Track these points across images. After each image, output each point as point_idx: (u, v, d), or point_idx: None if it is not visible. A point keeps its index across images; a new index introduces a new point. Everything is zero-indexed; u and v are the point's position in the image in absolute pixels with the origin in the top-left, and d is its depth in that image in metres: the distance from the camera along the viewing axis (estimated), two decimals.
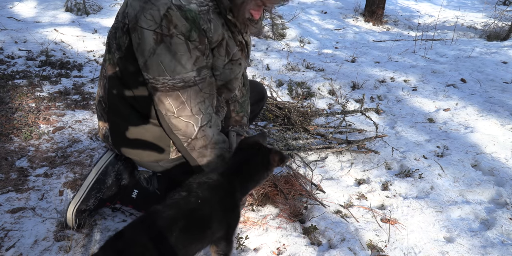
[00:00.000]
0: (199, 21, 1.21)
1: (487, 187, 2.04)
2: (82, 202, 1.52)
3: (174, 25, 1.19)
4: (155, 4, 1.18)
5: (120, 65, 1.35)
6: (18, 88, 2.80)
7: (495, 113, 2.93)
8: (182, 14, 1.18)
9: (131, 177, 1.62)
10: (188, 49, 1.23)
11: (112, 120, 1.45)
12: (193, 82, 1.28)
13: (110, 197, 1.59)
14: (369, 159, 2.30)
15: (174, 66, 1.23)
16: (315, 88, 3.35)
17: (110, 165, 1.57)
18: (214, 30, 1.27)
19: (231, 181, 1.25)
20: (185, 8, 1.19)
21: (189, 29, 1.20)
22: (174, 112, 1.30)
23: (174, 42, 1.20)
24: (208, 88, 1.35)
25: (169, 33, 1.19)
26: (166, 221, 1.07)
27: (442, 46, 5.08)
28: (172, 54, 1.22)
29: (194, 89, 1.29)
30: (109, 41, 1.37)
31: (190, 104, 1.30)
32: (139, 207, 1.63)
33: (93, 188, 1.53)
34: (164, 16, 1.17)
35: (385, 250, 1.61)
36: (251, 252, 1.55)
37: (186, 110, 1.30)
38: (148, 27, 1.19)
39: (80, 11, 5.40)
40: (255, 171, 1.32)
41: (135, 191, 1.61)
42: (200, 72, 1.29)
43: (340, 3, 7.57)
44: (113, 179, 1.57)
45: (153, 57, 1.22)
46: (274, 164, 1.34)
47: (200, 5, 1.22)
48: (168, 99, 1.28)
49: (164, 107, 1.30)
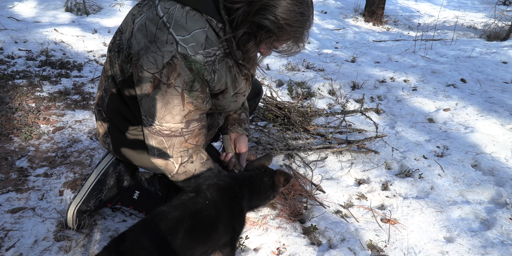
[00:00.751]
0: (203, 72, 1.19)
1: (487, 187, 2.04)
2: (83, 203, 1.52)
3: (177, 74, 1.15)
4: (160, 48, 1.14)
5: (120, 87, 1.34)
6: (18, 88, 2.80)
7: (495, 113, 2.93)
8: (187, 64, 1.15)
9: (132, 178, 1.62)
10: (182, 102, 1.20)
11: (113, 131, 1.46)
12: (180, 133, 1.27)
13: (111, 198, 1.59)
14: (369, 159, 2.30)
15: (163, 114, 1.22)
16: (315, 88, 3.35)
17: (111, 166, 1.57)
18: (217, 81, 1.25)
19: (240, 188, 1.27)
20: (191, 58, 1.15)
21: (192, 80, 1.18)
22: (154, 154, 1.31)
23: (169, 92, 1.18)
24: (194, 140, 1.33)
25: (167, 82, 1.16)
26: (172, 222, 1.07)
27: (442, 46, 5.08)
28: (165, 102, 1.19)
29: (179, 139, 1.28)
30: (110, 56, 1.35)
31: (172, 151, 1.30)
32: (140, 208, 1.63)
33: (94, 189, 1.53)
34: (167, 64, 1.14)
35: (385, 250, 1.61)
36: (251, 252, 1.55)
37: (166, 155, 1.31)
38: (147, 69, 1.16)
39: (80, 11, 5.40)
40: (261, 188, 1.33)
41: (136, 192, 1.61)
42: (189, 124, 1.27)
43: (340, 3, 7.57)
44: (114, 180, 1.57)
45: (146, 98, 1.21)
46: (279, 185, 1.35)
47: (206, 56, 1.18)
48: (153, 140, 1.28)
49: (148, 144, 1.31)
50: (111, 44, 1.37)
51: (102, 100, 1.43)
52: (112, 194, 1.58)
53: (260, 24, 1.15)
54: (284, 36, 1.19)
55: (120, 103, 1.38)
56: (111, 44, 1.36)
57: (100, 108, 1.46)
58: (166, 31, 1.14)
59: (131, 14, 1.28)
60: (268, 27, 1.15)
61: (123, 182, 1.60)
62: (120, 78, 1.32)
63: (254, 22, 1.16)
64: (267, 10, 1.13)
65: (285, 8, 1.13)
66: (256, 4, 1.13)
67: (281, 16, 1.13)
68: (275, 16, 1.13)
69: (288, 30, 1.17)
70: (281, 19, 1.13)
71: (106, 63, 1.40)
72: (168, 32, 1.14)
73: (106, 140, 1.50)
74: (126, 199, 1.61)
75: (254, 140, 2.32)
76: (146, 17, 1.20)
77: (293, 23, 1.16)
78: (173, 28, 1.14)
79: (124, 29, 1.29)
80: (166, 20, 1.15)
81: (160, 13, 1.17)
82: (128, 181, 1.61)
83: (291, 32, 1.18)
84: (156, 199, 1.61)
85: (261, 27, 1.16)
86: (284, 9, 1.13)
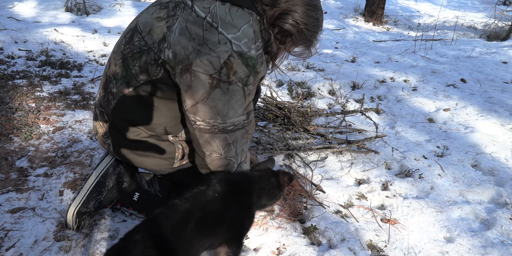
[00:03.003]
0: (256, 65, 1.21)
1: (487, 187, 2.04)
2: (82, 204, 1.51)
3: (233, 72, 1.16)
4: (214, 50, 1.13)
5: (141, 90, 1.29)
6: (18, 88, 2.80)
7: (495, 113, 2.93)
8: (243, 61, 1.16)
9: (132, 179, 1.62)
10: (244, 95, 1.23)
11: (114, 133, 1.44)
12: (242, 125, 1.29)
13: (111, 199, 1.59)
14: (369, 159, 2.30)
15: (227, 111, 1.22)
16: (315, 88, 3.35)
17: (111, 167, 1.56)
18: (263, 71, 1.29)
19: (250, 184, 1.31)
20: (247, 55, 1.16)
21: (248, 75, 1.19)
22: (221, 153, 1.31)
23: (231, 89, 1.19)
24: (251, 129, 1.38)
25: (228, 80, 1.17)
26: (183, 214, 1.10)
27: (442, 46, 5.08)
28: (227, 99, 1.20)
29: (241, 131, 1.31)
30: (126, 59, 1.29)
31: (236, 145, 1.32)
32: (140, 210, 1.62)
33: (94, 190, 1.52)
34: (225, 64, 1.14)
35: (385, 250, 1.61)
36: (251, 252, 1.55)
37: (231, 151, 1.32)
38: (203, 71, 1.15)
39: (80, 11, 5.40)
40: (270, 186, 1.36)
41: (136, 194, 1.60)
42: (249, 115, 1.31)
43: (340, 3, 7.57)
44: (114, 182, 1.57)
45: (206, 101, 1.19)
46: (284, 184, 1.39)
47: (257, 50, 1.20)
48: (216, 141, 1.28)
49: (210, 149, 1.30)
50: (123, 45, 1.31)
51: (108, 103, 1.39)
52: (111, 195, 1.58)
53: (282, 28, 1.24)
54: (301, 40, 1.30)
55: (131, 107, 1.34)
56: (125, 46, 1.31)
57: (103, 110, 1.43)
58: (215, 31, 1.14)
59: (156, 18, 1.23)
60: (290, 31, 1.24)
61: (122, 184, 1.59)
62: (142, 81, 1.27)
63: (276, 26, 1.25)
64: (288, 15, 1.22)
65: (304, 13, 1.23)
66: (278, 10, 1.22)
67: (301, 21, 1.23)
68: (295, 21, 1.23)
69: (306, 34, 1.26)
70: (301, 23, 1.23)
71: (113, 65, 1.35)
72: (218, 32, 1.14)
73: (106, 141, 1.49)
74: (126, 200, 1.60)
75: (254, 140, 2.32)
76: (185, 20, 1.17)
77: (311, 28, 1.26)
78: (221, 27, 1.14)
79: (144, 29, 1.25)
80: (211, 20, 1.15)
81: (201, 14, 1.16)
82: (127, 183, 1.60)
83: (308, 35, 1.28)
84: (156, 201, 1.60)
85: (282, 30, 1.26)
86: (304, 15, 1.23)
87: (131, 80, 1.30)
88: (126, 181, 1.60)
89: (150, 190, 1.62)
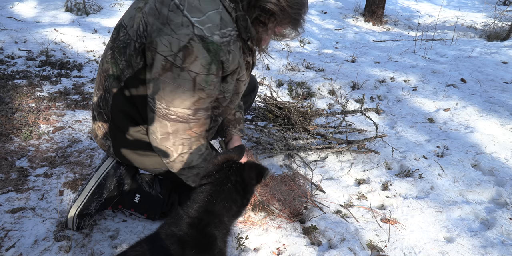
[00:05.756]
0: (220, 53, 1.19)
1: (487, 187, 2.04)
2: (83, 206, 1.51)
3: (194, 57, 1.15)
4: (175, 31, 1.13)
5: (128, 84, 1.33)
6: (18, 88, 2.80)
7: (495, 113, 2.93)
8: (204, 45, 1.15)
9: (133, 181, 1.61)
10: (194, 88, 1.20)
11: (114, 132, 1.45)
12: (186, 119, 1.26)
13: (112, 201, 1.58)
14: (369, 159, 2.30)
15: (172, 98, 1.21)
16: (315, 88, 3.35)
17: (112, 169, 1.56)
18: (231, 61, 1.26)
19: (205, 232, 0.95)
20: (208, 39, 1.15)
21: (210, 62, 1.18)
22: (157, 137, 1.30)
23: (182, 76, 1.18)
24: (199, 129, 1.32)
25: (181, 66, 1.16)
26: None
27: (442, 46, 5.08)
28: (176, 85, 1.19)
29: (184, 126, 1.28)
30: (114, 54, 1.33)
31: (174, 137, 1.29)
32: (141, 211, 1.62)
33: (95, 192, 1.52)
34: (184, 48, 1.14)
35: (385, 250, 1.61)
36: (251, 252, 1.55)
37: (169, 141, 1.30)
38: (160, 51, 1.16)
39: (80, 11, 5.40)
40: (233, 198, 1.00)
41: (137, 196, 1.59)
42: (196, 113, 1.27)
43: (340, 3, 7.57)
44: (115, 184, 1.56)
45: (157, 81, 1.20)
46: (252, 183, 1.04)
47: (222, 37, 1.18)
48: (157, 124, 1.28)
49: (152, 128, 1.31)
50: (111, 42, 1.35)
51: (106, 101, 1.41)
52: (113, 197, 1.58)
53: (264, 8, 1.21)
54: (286, 19, 1.25)
55: (124, 102, 1.37)
56: (112, 42, 1.35)
57: (101, 110, 1.44)
58: (180, 13, 1.14)
59: (136, 8, 1.27)
60: (272, 10, 1.21)
61: (124, 186, 1.59)
62: (128, 75, 1.30)
63: (258, 7, 1.22)
64: None
65: None
66: None
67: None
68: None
69: (289, 12, 1.23)
70: (283, 1, 1.20)
71: (105, 63, 1.38)
72: (182, 15, 1.14)
73: (106, 143, 1.50)
74: (127, 202, 1.60)
75: (254, 140, 2.32)
76: (155, 0, 1.19)
77: (294, 5, 1.22)
78: (187, 10, 1.14)
79: (129, 23, 1.28)
80: (178, 2, 1.15)
81: None
82: (129, 185, 1.60)
83: (292, 14, 1.24)
84: (157, 202, 1.60)
85: (265, 11, 1.22)
86: None
87: (120, 75, 1.33)
88: (127, 183, 1.60)
89: (151, 191, 1.62)
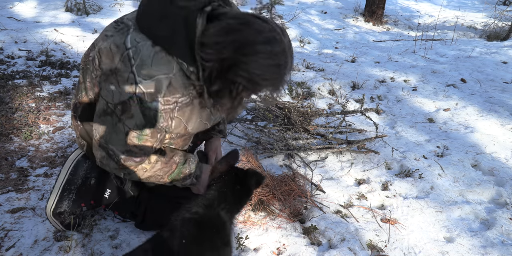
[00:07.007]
0: (159, 119, 1.15)
1: (487, 187, 2.04)
2: (56, 205, 1.46)
3: (130, 115, 1.13)
4: (119, 84, 1.10)
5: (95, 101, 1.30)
6: (18, 88, 2.80)
7: (495, 113, 2.93)
8: (141, 108, 1.11)
9: (102, 175, 1.55)
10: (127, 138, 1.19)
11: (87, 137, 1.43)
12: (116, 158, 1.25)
13: (83, 197, 1.52)
14: (369, 159, 2.30)
15: (110, 137, 1.20)
16: (315, 88, 3.35)
17: (78, 164, 1.50)
18: (174, 127, 1.23)
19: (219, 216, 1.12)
20: (146, 105, 1.10)
21: (144, 125, 1.15)
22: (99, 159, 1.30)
23: (118, 126, 1.16)
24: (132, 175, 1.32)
25: (119, 117, 1.14)
26: None
27: (442, 46, 5.08)
28: (113, 130, 1.18)
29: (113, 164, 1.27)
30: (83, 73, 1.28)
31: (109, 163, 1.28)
32: (112, 208, 1.58)
33: (65, 189, 1.47)
34: (123, 103, 1.11)
35: (385, 250, 1.61)
36: (251, 252, 1.55)
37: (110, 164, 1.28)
38: (104, 96, 1.15)
39: (80, 11, 5.40)
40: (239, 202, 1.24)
41: (107, 191, 1.54)
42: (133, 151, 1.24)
43: (340, 3, 7.57)
44: (83, 179, 1.50)
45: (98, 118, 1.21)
46: (252, 188, 1.26)
47: (165, 104, 1.12)
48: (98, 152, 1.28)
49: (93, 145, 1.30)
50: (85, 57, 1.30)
51: (76, 109, 1.40)
52: (82, 193, 1.52)
53: (233, 81, 1.08)
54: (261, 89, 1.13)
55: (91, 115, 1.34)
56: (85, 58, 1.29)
57: (75, 115, 1.42)
58: (129, 68, 1.08)
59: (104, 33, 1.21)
60: (242, 83, 1.07)
61: (91, 180, 1.53)
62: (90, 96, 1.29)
63: (227, 79, 1.08)
64: (239, 67, 1.04)
65: (258, 63, 1.04)
66: (227, 62, 1.05)
67: (254, 72, 1.05)
68: (248, 73, 1.05)
69: (263, 84, 1.10)
70: (255, 75, 1.05)
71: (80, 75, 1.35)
72: (130, 71, 1.08)
73: (82, 142, 1.47)
74: (98, 198, 1.55)
75: (254, 140, 2.32)
76: (113, 41, 1.12)
77: (268, 77, 1.08)
78: (136, 68, 1.08)
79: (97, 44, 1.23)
80: (131, 55, 1.08)
81: (128, 44, 1.09)
82: (95, 179, 1.54)
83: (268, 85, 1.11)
84: (128, 198, 1.55)
85: (235, 83, 1.08)
86: (257, 65, 1.04)
87: (87, 91, 1.30)
88: (94, 177, 1.53)
89: (122, 187, 1.56)
